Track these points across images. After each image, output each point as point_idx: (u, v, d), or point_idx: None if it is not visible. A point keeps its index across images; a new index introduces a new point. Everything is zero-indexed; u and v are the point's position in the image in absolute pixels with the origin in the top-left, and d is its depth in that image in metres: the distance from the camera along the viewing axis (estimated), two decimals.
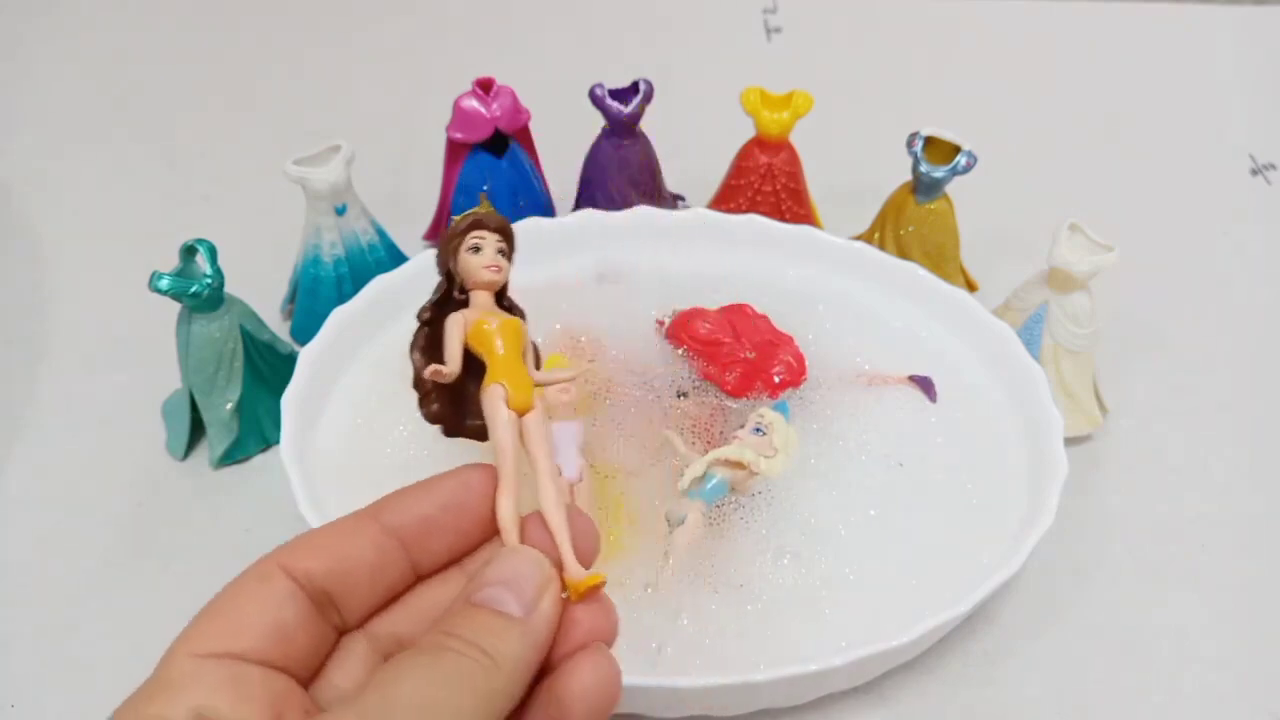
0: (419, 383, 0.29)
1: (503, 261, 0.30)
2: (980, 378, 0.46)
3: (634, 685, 0.34)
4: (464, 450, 0.31)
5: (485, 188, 0.52)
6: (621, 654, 0.35)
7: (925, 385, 0.45)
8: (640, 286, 0.49)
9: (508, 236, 0.31)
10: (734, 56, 0.75)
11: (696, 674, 0.34)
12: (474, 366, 0.29)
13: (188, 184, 0.62)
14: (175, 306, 0.43)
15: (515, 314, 0.31)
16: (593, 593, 0.25)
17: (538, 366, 0.31)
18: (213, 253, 0.42)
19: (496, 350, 0.28)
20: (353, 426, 0.43)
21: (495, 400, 0.28)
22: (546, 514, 0.26)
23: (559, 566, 0.25)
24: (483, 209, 0.30)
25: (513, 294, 0.31)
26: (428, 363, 0.28)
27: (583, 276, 0.50)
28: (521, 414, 0.28)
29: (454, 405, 0.30)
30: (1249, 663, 0.40)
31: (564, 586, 0.25)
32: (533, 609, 0.23)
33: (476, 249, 0.30)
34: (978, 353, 0.46)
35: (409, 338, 0.30)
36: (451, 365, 0.28)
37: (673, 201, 0.57)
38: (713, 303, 0.48)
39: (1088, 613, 0.42)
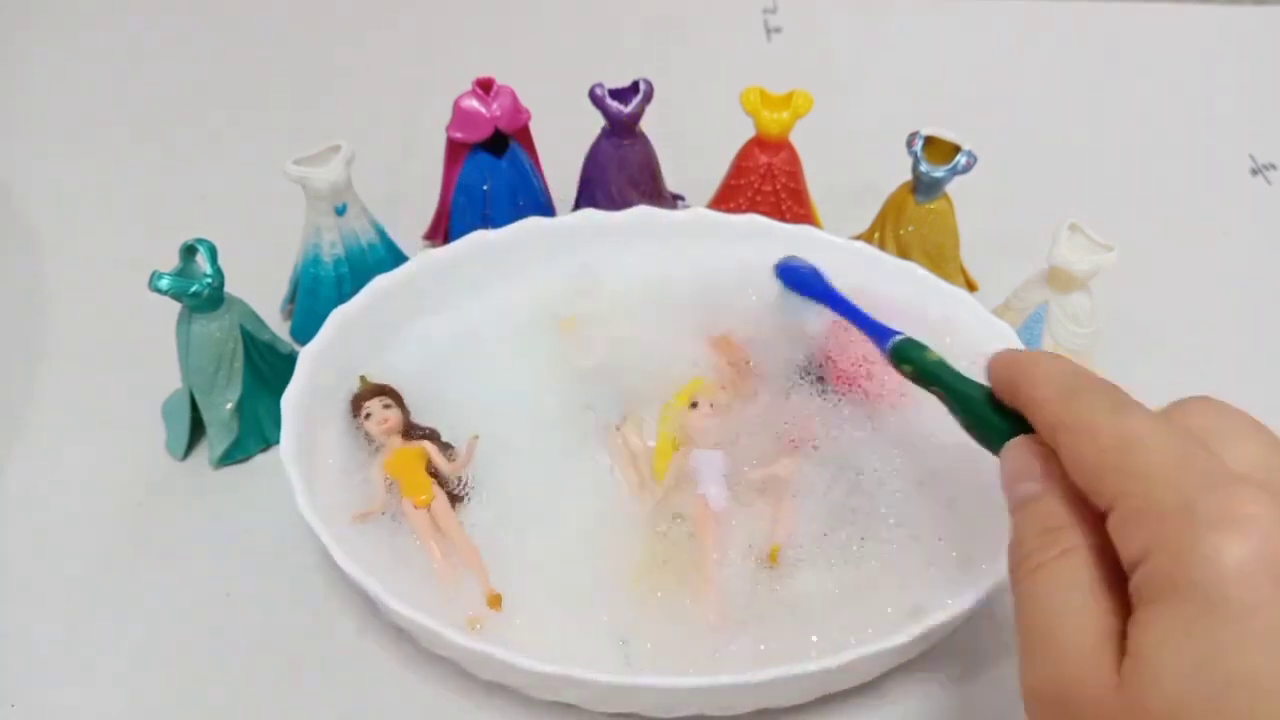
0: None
1: (388, 414, 0.42)
2: (980, 378, 0.45)
3: (634, 685, 0.34)
4: None
5: (485, 187, 0.52)
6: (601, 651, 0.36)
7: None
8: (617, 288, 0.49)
9: (385, 392, 0.43)
10: (734, 56, 0.75)
11: (696, 674, 0.34)
12: None
13: (188, 184, 0.62)
14: (175, 306, 0.43)
15: (422, 435, 0.43)
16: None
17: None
18: (213, 253, 0.42)
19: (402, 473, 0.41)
20: (352, 426, 0.43)
21: (408, 507, 0.40)
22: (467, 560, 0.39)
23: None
24: (359, 386, 0.44)
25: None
26: None
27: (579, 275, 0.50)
28: (427, 507, 0.40)
29: None
30: None
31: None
32: None
33: (368, 416, 0.43)
34: (978, 353, 0.46)
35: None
36: (375, 504, 0.40)
37: (673, 201, 0.57)
38: (713, 301, 0.48)
39: None
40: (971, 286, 0.54)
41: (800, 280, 0.42)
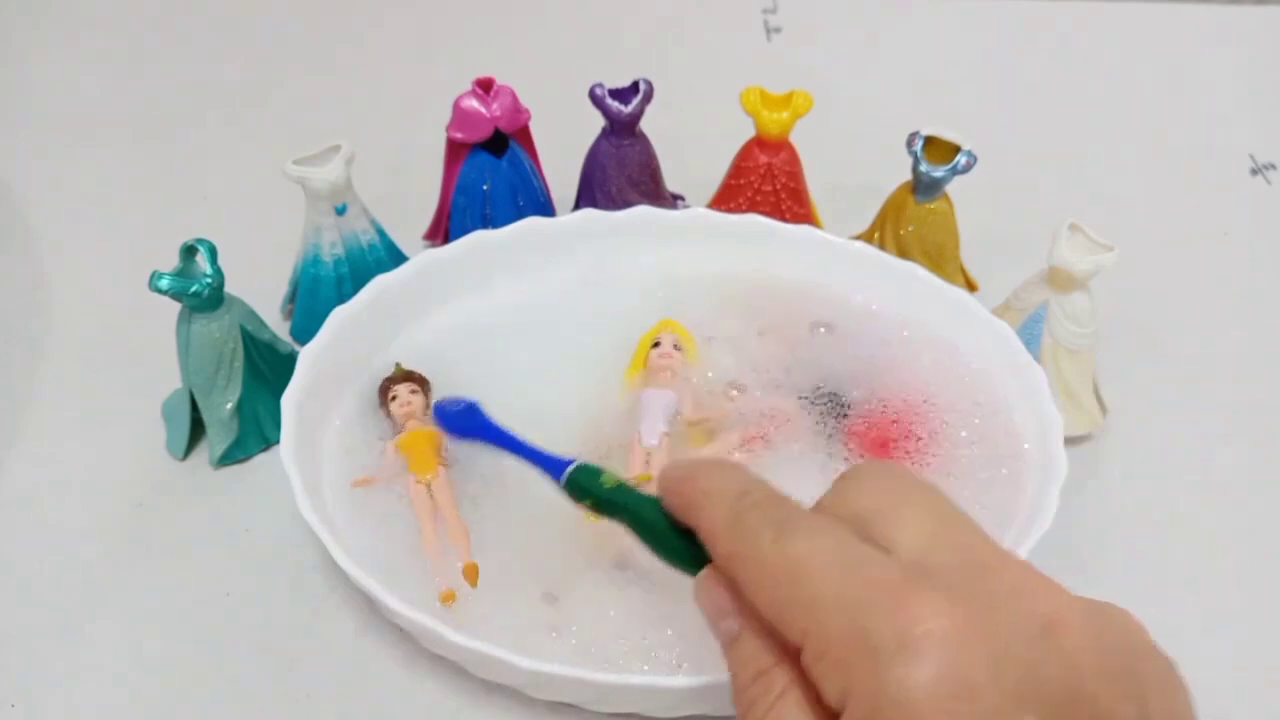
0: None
1: (412, 398, 0.44)
2: (980, 378, 0.45)
3: (633, 685, 0.34)
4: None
5: (485, 187, 0.52)
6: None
7: None
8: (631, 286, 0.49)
9: (414, 379, 0.45)
10: (734, 56, 0.75)
11: (696, 674, 0.34)
12: None
13: (188, 184, 0.62)
14: (175, 306, 0.43)
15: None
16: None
17: None
18: (213, 253, 0.42)
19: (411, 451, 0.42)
20: (353, 426, 0.43)
21: (410, 482, 0.42)
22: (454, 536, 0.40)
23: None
24: (394, 371, 0.45)
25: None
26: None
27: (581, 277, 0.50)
28: (428, 485, 0.41)
29: None
30: (1249, 663, 0.40)
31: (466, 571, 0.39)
32: None
33: (394, 398, 0.44)
34: (978, 353, 0.46)
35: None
36: (381, 474, 0.42)
37: (673, 201, 0.57)
38: (708, 303, 0.48)
39: None
40: (971, 286, 0.54)
41: (456, 421, 0.40)
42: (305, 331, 0.48)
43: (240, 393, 0.45)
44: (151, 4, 0.78)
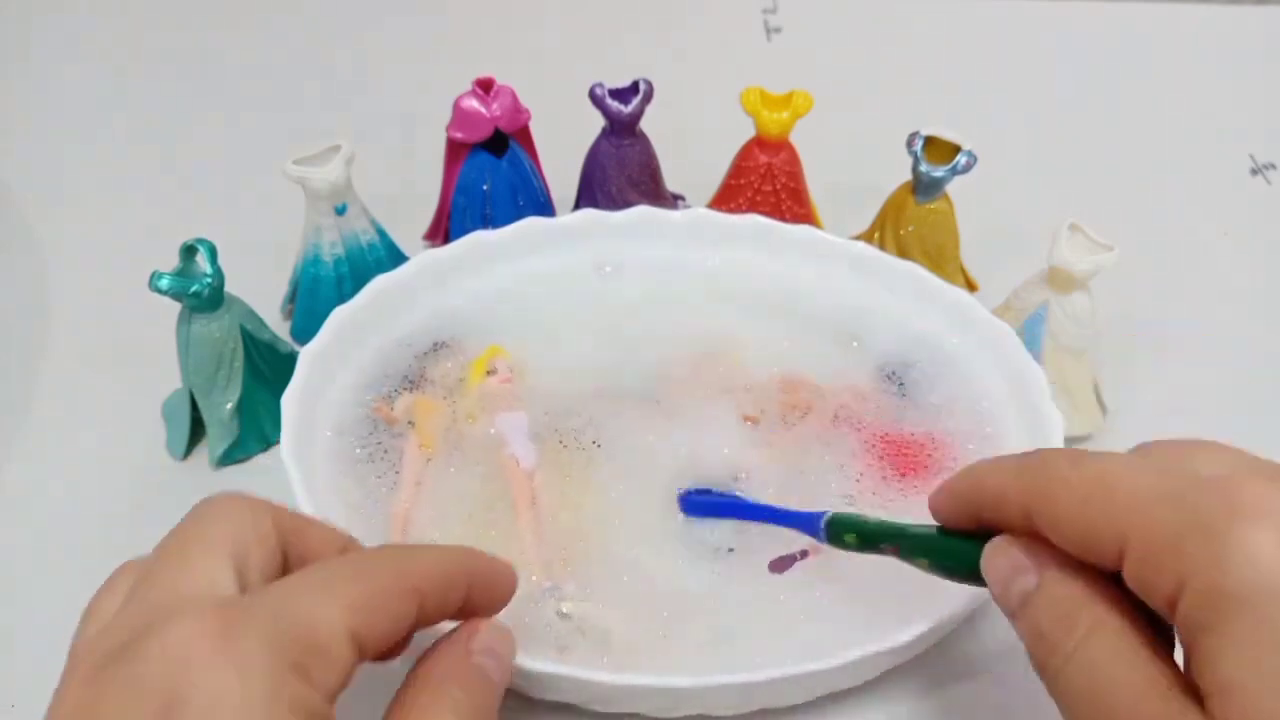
0: None
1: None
2: (980, 378, 0.45)
3: (635, 685, 0.34)
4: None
5: (485, 187, 0.52)
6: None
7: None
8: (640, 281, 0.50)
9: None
10: (734, 56, 0.75)
11: (696, 674, 0.34)
12: None
13: (188, 184, 0.62)
14: (175, 306, 0.43)
15: None
16: None
17: None
18: (213, 253, 0.42)
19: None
20: (353, 426, 0.43)
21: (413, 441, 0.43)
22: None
23: None
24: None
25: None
26: None
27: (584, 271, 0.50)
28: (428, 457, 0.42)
29: None
30: None
31: None
32: (505, 678, 0.31)
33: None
34: (978, 353, 0.46)
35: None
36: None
37: (673, 201, 0.57)
38: (710, 302, 0.48)
39: None
40: (971, 286, 0.54)
41: (704, 506, 0.41)
42: (305, 331, 0.48)
43: (240, 393, 0.45)
44: (151, 4, 0.78)
